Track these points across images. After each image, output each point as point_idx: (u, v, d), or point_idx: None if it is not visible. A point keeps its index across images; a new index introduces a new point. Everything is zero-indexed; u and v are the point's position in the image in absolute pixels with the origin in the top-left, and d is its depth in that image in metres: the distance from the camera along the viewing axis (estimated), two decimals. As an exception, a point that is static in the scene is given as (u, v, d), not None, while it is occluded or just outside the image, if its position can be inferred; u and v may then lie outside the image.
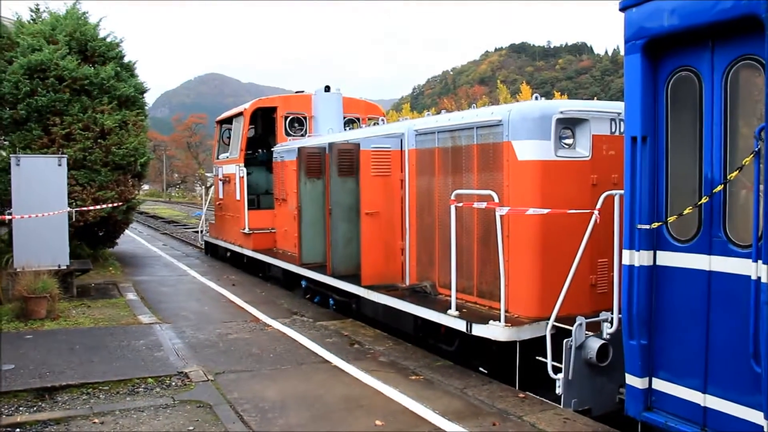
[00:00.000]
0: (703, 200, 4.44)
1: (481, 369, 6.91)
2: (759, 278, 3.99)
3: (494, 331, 6.10)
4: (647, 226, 4.80)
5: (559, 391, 5.63)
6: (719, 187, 4.35)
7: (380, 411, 5.51)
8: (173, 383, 6.25)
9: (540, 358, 5.80)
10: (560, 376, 5.60)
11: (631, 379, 4.99)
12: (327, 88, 12.80)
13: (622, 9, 4.92)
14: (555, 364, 5.65)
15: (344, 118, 13.11)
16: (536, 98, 6.66)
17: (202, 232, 18.15)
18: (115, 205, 13.39)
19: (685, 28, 4.46)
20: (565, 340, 5.61)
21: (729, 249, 4.36)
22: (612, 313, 5.69)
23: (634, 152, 4.86)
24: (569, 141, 6.46)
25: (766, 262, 3.91)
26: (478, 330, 6.27)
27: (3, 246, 11.95)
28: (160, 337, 8.00)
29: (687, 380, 4.64)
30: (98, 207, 12.94)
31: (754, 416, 4.12)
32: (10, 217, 9.96)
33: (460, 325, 6.50)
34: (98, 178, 13.44)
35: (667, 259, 4.79)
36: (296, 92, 14.02)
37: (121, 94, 14.14)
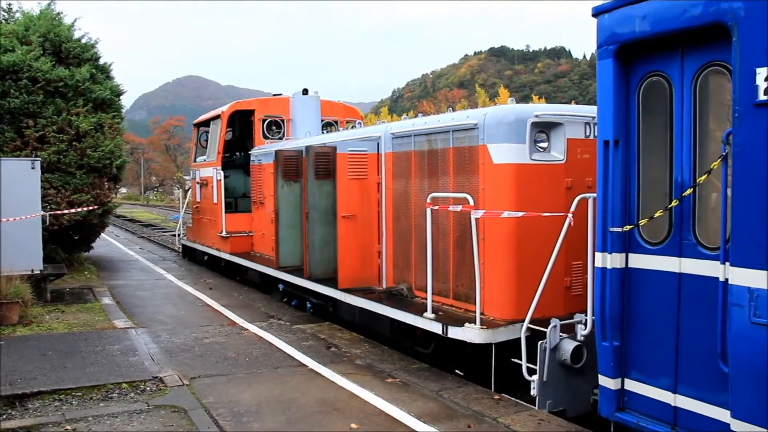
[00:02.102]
0: (673, 203, 4.51)
1: (457, 371, 6.94)
2: (726, 280, 4.06)
3: (470, 333, 6.13)
4: (619, 229, 4.87)
5: (534, 392, 5.67)
6: (689, 191, 4.43)
7: (356, 414, 5.52)
8: (148, 388, 6.19)
9: (515, 360, 5.84)
10: (535, 377, 5.65)
11: (603, 380, 5.04)
12: (305, 91, 12.78)
13: (595, 15, 4.98)
14: (530, 365, 5.70)
15: (322, 121, 13.09)
16: (511, 102, 6.73)
17: (179, 235, 18.00)
18: (91, 208, 13.24)
19: (656, 35, 4.53)
20: (539, 342, 5.66)
21: (698, 251, 4.43)
22: (586, 315, 5.76)
23: (607, 156, 4.92)
24: (544, 144, 6.52)
25: (733, 264, 3.98)
26: (454, 332, 6.30)
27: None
28: (135, 341, 7.92)
29: (658, 380, 4.71)
30: (73, 210, 12.79)
31: (721, 414, 4.19)
32: (-19, 220, 9.80)
33: (436, 328, 6.52)
34: (73, 181, 13.29)
35: (639, 261, 4.86)
36: (274, 95, 13.97)
37: (96, 97, 13.99)
